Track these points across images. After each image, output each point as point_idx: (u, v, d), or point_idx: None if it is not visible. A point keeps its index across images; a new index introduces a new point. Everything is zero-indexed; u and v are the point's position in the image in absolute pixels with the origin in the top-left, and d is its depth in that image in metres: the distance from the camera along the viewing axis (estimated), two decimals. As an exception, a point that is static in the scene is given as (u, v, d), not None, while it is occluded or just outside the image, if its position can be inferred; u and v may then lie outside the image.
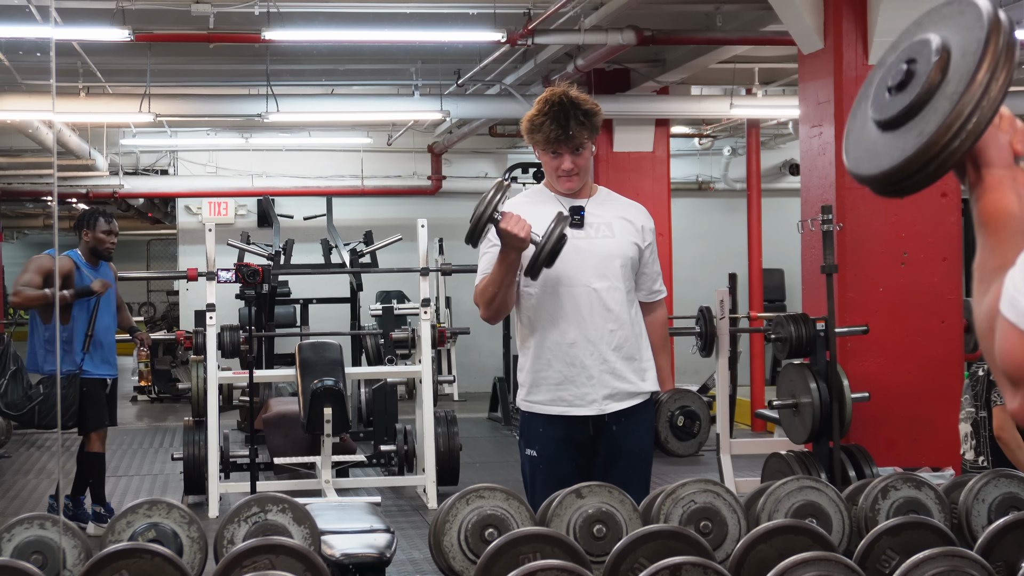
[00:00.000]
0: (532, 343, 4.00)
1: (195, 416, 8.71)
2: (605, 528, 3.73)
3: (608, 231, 3.99)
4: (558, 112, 3.86)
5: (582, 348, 3.93)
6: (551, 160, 3.96)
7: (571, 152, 3.91)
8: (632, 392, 3.98)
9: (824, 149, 6.66)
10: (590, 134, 3.92)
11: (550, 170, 4.00)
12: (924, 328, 6.59)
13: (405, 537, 6.95)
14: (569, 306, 3.94)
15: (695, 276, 13.52)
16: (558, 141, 3.88)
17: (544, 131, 3.88)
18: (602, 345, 3.93)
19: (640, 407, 4.02)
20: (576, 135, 3.87)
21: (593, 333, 3.93)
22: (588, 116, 3.89)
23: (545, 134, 3.88)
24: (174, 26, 9.33)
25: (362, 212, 15.42)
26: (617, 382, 3.95)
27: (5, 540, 3.63)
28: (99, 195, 16.15)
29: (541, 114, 3.90)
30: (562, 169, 3.95)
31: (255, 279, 7.58)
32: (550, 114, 3.87)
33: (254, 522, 3.70)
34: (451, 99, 11.51)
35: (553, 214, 3.87)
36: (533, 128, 3.93)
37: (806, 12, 6.67)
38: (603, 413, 3.95)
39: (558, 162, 3.95)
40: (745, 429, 11.68)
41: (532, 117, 3.93)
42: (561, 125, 3.85)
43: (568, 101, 3.88)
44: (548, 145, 3.92)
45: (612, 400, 3.95)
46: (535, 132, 3.92)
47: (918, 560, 3.33)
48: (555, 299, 3.94)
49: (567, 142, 3.88)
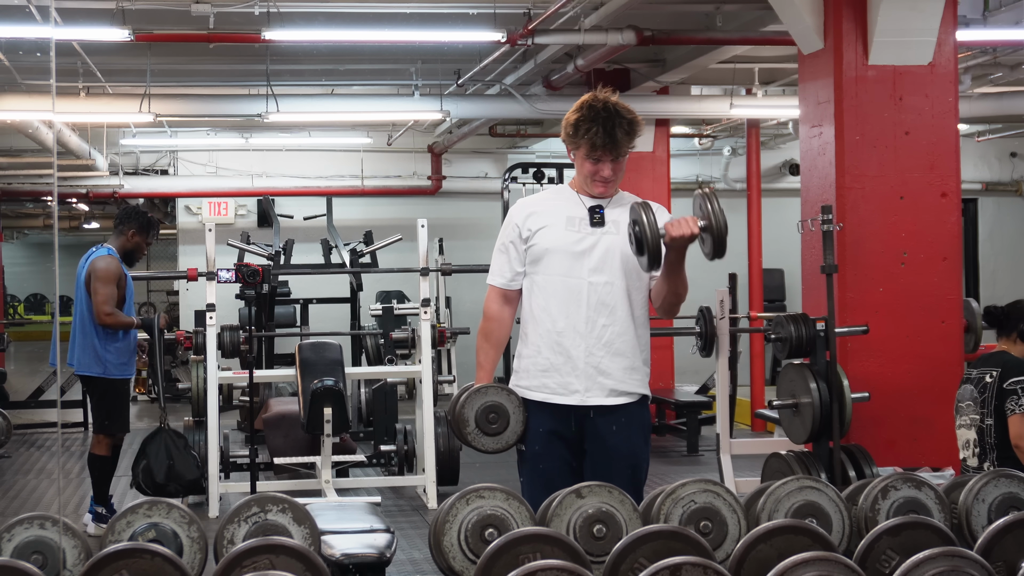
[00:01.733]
0: (528, 330, 4.10)
1: (195, 416, 8.72)
2: (605, 528, 3.73)
3: (614, 228, 4.05)
4: (606, 120, 3.93)
5: (569, 337, 4.00)
6: (591, 165, 4.02)
7: (612, 160, 3.98)
8: (617, 390, 4.02)
9: (824, 149, 6.66)
10: (631, 144, 4.00)
11: (586, 174, 4.05)
12: (924, 328, 6.58)
13: (405, 537, 6.96)
14: (565, 296, 4.02)
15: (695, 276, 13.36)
16: (604, 148, 3.96)
17: (590, 137, 3.95)
18: (590, 338, 3.99)
19: (629, 407, 4.05)
20: (621, 144, 3.96)
21: (582, 325, 3.99)
22: (632, 126, 3.98)
23: (591, 140, 3.95)
24: (174, 26, 9.33)
25: (362, 212, 15.42)
26: (601, 376, 4.00)
27: (5, 540, 3.63)
28: (99, 195, 16.16)
29: (587, 120, 3.95)
30: (600, 176, 4.03)
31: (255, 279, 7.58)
32: (597, 120, 3.94)
33: (254, 522, 3.70)
34: (451, 99, 11.51)
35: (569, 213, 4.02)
36: (578, 132, 3.98)
37: (806, 12, 6.67)
38: (584, 404, 4.00)
39: (598, 168, 4.02)
40: (745, 429, 11.69)
41: (576, 121, 3.98)
42: (608, 133, 3.93)
43: (613, 109, 3.95)
44: (592, 151, 3.98)
45: (595, 393, 3.99)
46: (579, 136, 3.98)
47: (918, 560, 3.33)
48: (554, 289, 4.03)
49: (612, 150, 3.96)
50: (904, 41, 6.47)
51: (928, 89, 6.56)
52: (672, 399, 10.87)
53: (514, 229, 4.11)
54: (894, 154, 6.53)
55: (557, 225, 4.05)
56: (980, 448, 5.35)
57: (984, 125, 15.29)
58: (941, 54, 6.55)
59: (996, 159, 16.68)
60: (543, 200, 4.15)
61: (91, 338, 7.44)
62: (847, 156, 6.50)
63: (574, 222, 4.05)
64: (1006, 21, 8.71)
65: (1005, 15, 8.69)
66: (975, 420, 5.40)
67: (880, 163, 6.52)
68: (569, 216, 4.06)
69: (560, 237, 4.04)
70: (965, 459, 5.45)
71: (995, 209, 16.88)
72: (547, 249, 4.05)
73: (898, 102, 6.54)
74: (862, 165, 6.50)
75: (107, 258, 7.53)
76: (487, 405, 4.10)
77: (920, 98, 6.56)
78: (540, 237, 4.06)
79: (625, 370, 4.02)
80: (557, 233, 4.05)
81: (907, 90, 6.54)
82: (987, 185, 16.66)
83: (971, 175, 15.89)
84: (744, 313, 9.61)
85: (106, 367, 7.45)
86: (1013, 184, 16.80)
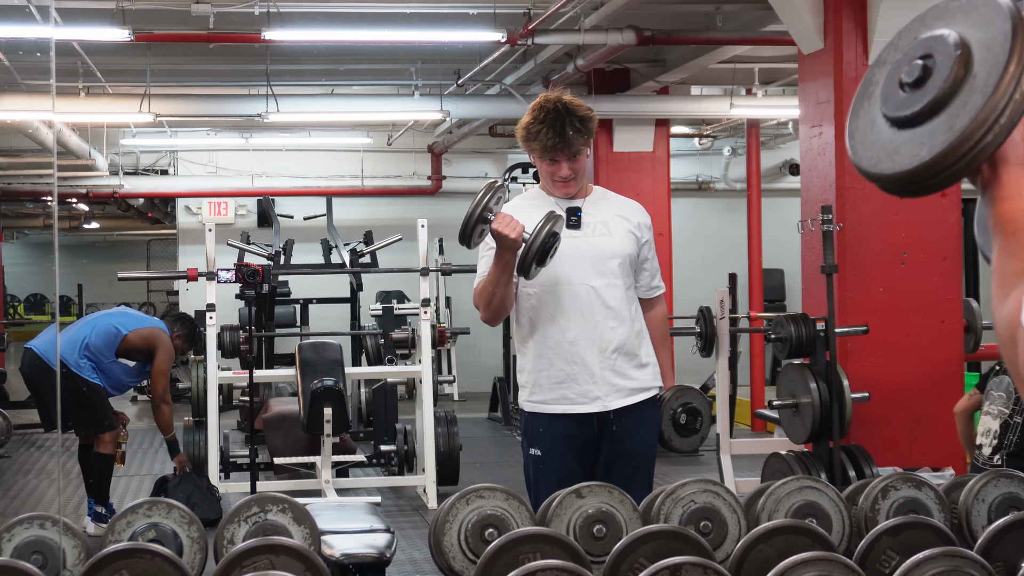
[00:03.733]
0: (532, 343, 4.01)
1: (195, 416, 8.72)
2: (605, 528, 3.73)
3: (605, 229, 4.01)
4: (554, 120, 3.87)
5: (583, 346, 3.93)
6: (548, 167, 3.97)
7: (568, 159, 3.93)
8: (635, 388, 3.99)
9: (824, 149, 6.66)
10: (586, 140, 3.93)
11: (547, 176, 4.01)
12: (924, 328, 6.58)
13: (405, 537, 6.95)
14: (568, 304, 3.95)
15: (695, 276, 13.51)
16: (556, 149, 3.89)
17: (541, 139, 3.89)
18: (603, 342, 3.95)
19: (644, 404, 4.03)
20: (573, 142, 3.89)
21: (593, 331, 3.94)
22: (584, 123, 3.90)
23: (542, 142, 3.89)
24: (174, 26, 9.33)
25: (362, 212, 15.42)
26: (618, 379, 3.96)
27: (5, 540, 3.63)
28: (99, 195, 16.17)
29: (537, 122, 3.90)
30: (559, 176, 3.97)
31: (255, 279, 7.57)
32: (546, 122, 3.87)
33: (254, 522, 3.70)
34: (451, 99, 11.51)
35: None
36: (529, 136, 3.94)
37: (806, 12, 6.67)
38: (607, 410, 3.95)
39: (555, 169, 3.96)
40: (745, 429, 11.68)
41: (527, 125, 3.93)
42: (558, 133, 3.86)
43: (563, 108, 3.88)
44: (545, 153, 3.92)
45: (615, 397, 3.96)
46: (531, 140, 3.93)
47: (918, 560, 3.33)
48: (554, 298, 3.96)
49: (564, 149, 3.90)
50: (904, 41, 6.46)
51: (928, 89, 6.55)
52: (672, 399, 10.87)
53: None
54: (894, 154, 6.52)
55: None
56: (998, 441, 5.32)
57: (984, 125, 15.27)
58: (941, 54, 6.54)
59: (996, 159, 16.67)
60: (521, 208, 4.00)
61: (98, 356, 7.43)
62: (847, 156, 6.49)
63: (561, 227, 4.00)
64: (1006, 21, 8.70)
65: (1005, 15, 8.68)
66: (1003, 412, 5.37)
67: (880, 163, 6.51)
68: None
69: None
70: (981, 446, 5.41)
71: (995, 209, 16.86)
72: None
73: (898, 102, 6.53)
74: (862, 165, 6.49)
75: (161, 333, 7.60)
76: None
77: (920, 98, 6.54)
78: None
79: (639, 367, 4.00)
80: None
81: (907, 90, 6.53)
82: (987, 185, 16.64)
83: (971, 175, 15.86)
84: (744, 313, 9.62)
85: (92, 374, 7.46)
86: (1013, 184, 16.79)
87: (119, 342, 7.45)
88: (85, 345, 7.43)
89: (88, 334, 7.49)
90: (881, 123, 1.64)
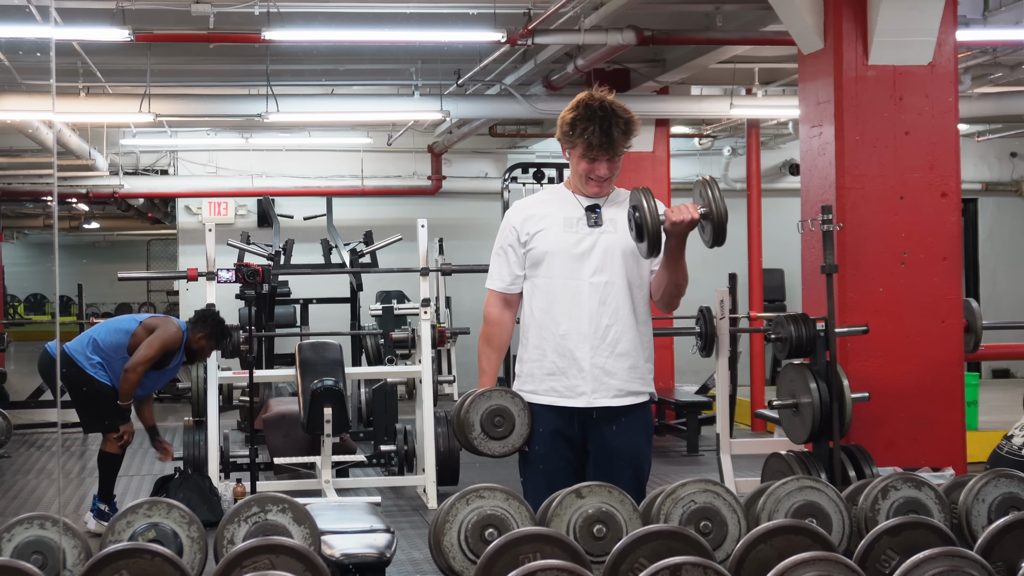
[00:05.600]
0: (531, 334, 4.07)
1: (195, 416, 8.72)
2: (605, 528, 3.73)
3: (611, 226, 4.03)
4: (602, 119, 3.91)
5: (574, 340, 3.97)
6: (586, 164, 3.99)
7: (608, 160, 3.97)
8: (624, 390, 4.00)
9: (824, 149, 6.66)
10: (627, 143, 3.99)
11: (581, 173, 4.02)
12: (924, 328, 6.58)
13: (405, 537, 6.96)
14: (566, 299, 3.99)
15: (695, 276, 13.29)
16: (600, 148, 3.93)
17: (587, 136, 3.92)
18: (595, 339, 3.96)
19: (634, 408, 4.04)
20: (618, 143, 3.94)
21: (586, 327, 3.96)
22: (629, 126, 3.95)
23: (587, 140, 3.92)
24: (174, 26, 9.33)
25: (362, 212, 15.42)
26: (607, 377, 3.98)
27: (5, 540, 3.63)
28: (99, 195, 16.17)
29: (583, 119, 3.93)
30: (596, 175, 4.01)
31: (255, 279, 7.58)
32: (594, 120, 3.91)
33: (254, 522, 3.70)
34: (451, 99, 11.50)
35: (566, 214, 4.01)
36: (574, 131, 3.95)
37: (806, 12, 6.67)
38: (591, 407, 3.98)
39: (593, 167, 3.99)
40: (745, 429, 11.69)
41: (573, 120, 3.96)
42: (605, 132, 3.90)
43: (611, 109, 3.92)
44: (588, 151, 3.96)
45: (601, 395, 3.97)
46: (575, 136, 3.95)
47: (918, 560, 3.33)
48: (554, 292, 4.00)
49: (609, 149, 3.94)
50: (904, 41, 6.47)
51: (928, 89, 6.56)
52: (672, 399, 10.87)
53: (511, 232, 4.09)
54: (894, 154, 6.53)
55: (555, 227, 4.03)
56: None
57: (984, 125, 15.29)
58: (941, 54, 6.55)
59: (996, 159, 16.68)
60: (539, 202, 4.12)
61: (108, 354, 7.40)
62: (847, 156, 6.50)
63: (572, 223, 4.03)
64: (1006, 21, 8.70)
65: (1005, 15, 8.68)
66: None
67: (880, 163, 6.52)
68: (567, 217, 4.03)
69: (559, 239, 4.02)
70: (1012, 436, 5.38)
71: (995, 209, 16.87)
72: (546, 252, 4.03)
73: (898, 102, 6.54)
74: (862, 165, 6.50)
75: (178, 331, 7.48)
76: (492, 409, 4.08)
77: (920, 98, 6.55)
78: (539, 240, 4.04)
79: (630, 370, 4.01)
80: (555, 235, 4.02)
81: (907, 90, 6.54)
82: (987, 185, 16.65)
83: (971, 175, 15.88)
84: (744, 313, 9.61)
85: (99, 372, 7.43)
86: (1013, 184, 16.80)
87: (129, 338, 7.43)
88: (93, 342, 7.42)
89: (99, 332, 7.48)
90: None
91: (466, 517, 3.74)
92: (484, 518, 3.73)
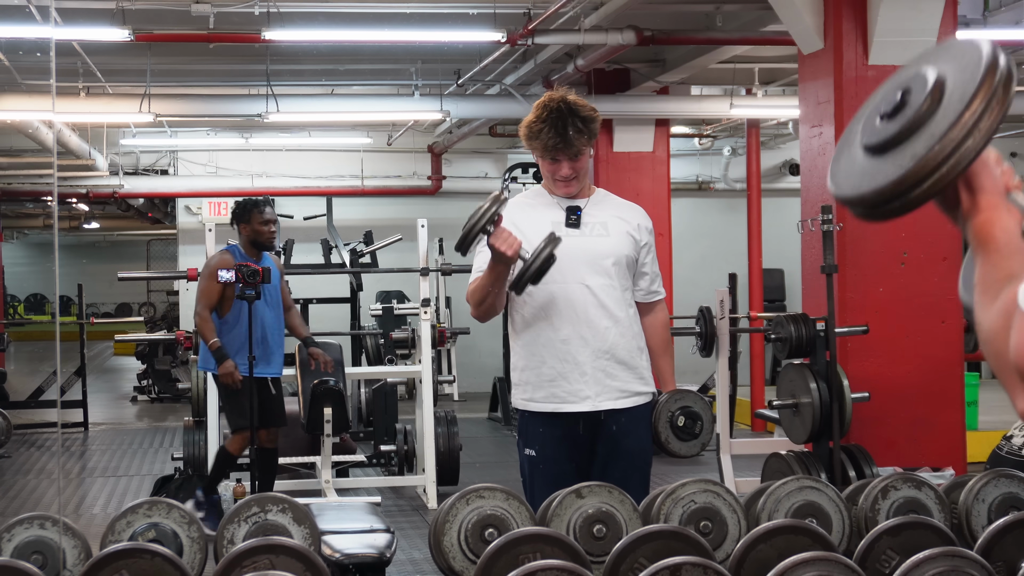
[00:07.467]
0: (525, 340, 4.01)
1: (195, 416, 8.71)
2: (605, 528, 3.73)
3: (603, 230, 4.00)
4: (556, 119, 3.86)
5: (575, 344, 3.93)
6: (550, 166, 3.97)
7: (569, 159, 3.93)
8: (627, 391, 3.98)
9: (824, 149, 6.66)
10: (588, 140, 3.92)
11: (548, 175, 4.01)
12: (924, 328, 6.58)
13: (405, 537, 6.96)
14: (563, 303, 3.94)
15: (695, 276, 13.51)
16: (556, 148, 3.89)
17: (543, 139, 3.89)
18: (596, 342, 3.94)
19: (638, 408, 4.02)
20: (575, 142, 3.88)
21: (586, 330, 3.94)
22: (586, 123, 3.89)
23: (544, 142, 3.89)
24: (174, 26, 9.33)
25: (362, 212, 15.42)
26: (610, 380, 3.95)
27: (5, 540, 3.63)
28: (99, 195, 16.17)
29: (539, 120, 3.90)
30: (560, 175, 3.97)
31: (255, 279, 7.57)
32: (548, 121, 3.87)
33: (254, 522, 3.70)
34: (451, 99, 11.51)
35: (551, 217, 3.93)
36: (531, 135, 3.93)
37: (806, 12, 6.67)
38: (597, 410, 3.95)
39: (556, 168, 3.96)
40: (745, 429, 11.69)
41: (530, 124, 3.93)
42: (559, 133, 3.86)
43: (566, 107, 3.88)
44: (547, 152, 3.92)
45: (606, 397, 3.95)
46: (533, 139, 3.93)
47: (918, 560, 3.33)
48: (549, 297, 3.95)
49: (566, 149, 3.89)
50: (904, 41, 6.47)
51: (928, 89, 6.55)
52: (672, 399, 10.86)
53: None
54: (894, 154, 6.53)
55: (543, 233, 3.99)
56: None
57: (984, 125, 15.27)
58: (941, 54, 6.54)
59: (996, 159, 16.68)
60: (521, 207, 4.03)
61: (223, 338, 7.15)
62: (847, 156, 6.50)
63: (559, 227, 3.99)
64: (1006, 21, 8.71)
65: (1005, 15, 8.69)
66: None
67: (880, 163, 6.51)
68: (553, 221, 3.99)
69: None
70: (1012, 436, 5.37)
71: (995, 209, 16.86)
72: None
73: (898, 102, 6.53)
74: (862, 165, 6.49)
75: (220, 253, 7.29)
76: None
77: (920, 98, 6.54)
78: (528, 248, 3.99)
79: (631, 370, 4.00)
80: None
81: (907, 90, 6.53)
82: (987, 185, 16.64)
83: (971, 175, 15.86)
84: (744, 313, 9.61)
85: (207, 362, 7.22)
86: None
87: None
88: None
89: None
90: (857, 150, 1.73)
91: (466, 517, 3.74)
92: (484, 518, 3.73)
